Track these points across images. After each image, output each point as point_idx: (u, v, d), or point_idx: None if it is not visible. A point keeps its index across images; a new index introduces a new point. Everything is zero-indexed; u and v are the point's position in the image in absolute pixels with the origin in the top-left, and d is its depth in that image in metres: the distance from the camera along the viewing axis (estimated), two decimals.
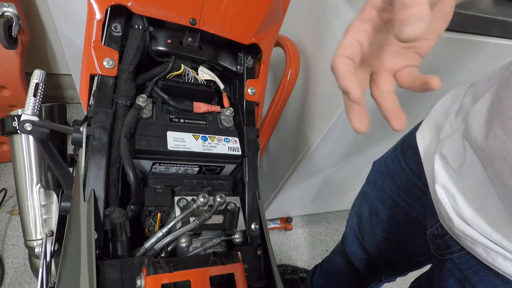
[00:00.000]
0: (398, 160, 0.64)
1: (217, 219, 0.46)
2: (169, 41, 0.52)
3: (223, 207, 0.47)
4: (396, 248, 0.73)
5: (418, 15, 0.23)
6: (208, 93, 0.57)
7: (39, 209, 0.70)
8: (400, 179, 0.63)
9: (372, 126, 0.97)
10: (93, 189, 0.41)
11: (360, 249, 0.81)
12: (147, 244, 0.41)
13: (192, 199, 0.45)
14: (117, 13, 0.48)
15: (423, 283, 0.68)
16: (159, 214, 0.46)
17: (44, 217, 0.70)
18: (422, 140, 0.56)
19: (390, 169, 0.66)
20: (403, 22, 0.24)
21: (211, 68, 0.58)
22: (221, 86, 0.58)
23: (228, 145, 0.52)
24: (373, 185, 0.72)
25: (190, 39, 0.53)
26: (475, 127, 0.41)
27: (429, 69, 0.70)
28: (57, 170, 0.56)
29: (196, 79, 0.56)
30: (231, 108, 0.58)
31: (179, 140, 0.49)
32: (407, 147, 0.62)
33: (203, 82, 0.56)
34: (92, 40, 0.46)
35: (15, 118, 0.67)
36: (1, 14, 0.94)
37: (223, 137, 0.53)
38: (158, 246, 0.42)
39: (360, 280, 0.90)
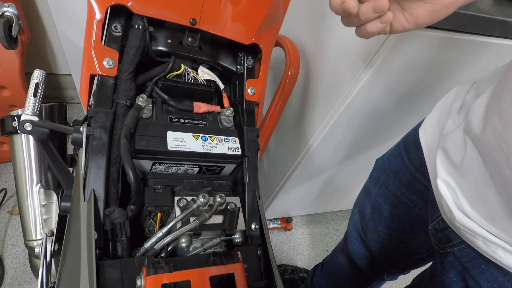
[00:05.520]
0: (401, 157, 0.64)
1: (217, 219, 0.46)
2: (169, 41, 0.52)
3: (223, 207, 0.47)
4: (399, 245, 0.73)
5: None
6: (208, 93, 0.57)
7: (39, 209, 0.70)
8: (403, 175, 0.64)
9: (372, 127, 0.97)
10: (93, 189, 0.41)
11: (362, 246, 0.82)
12: (147, 244, 0.41)
13: (192, 199, 0.45)
14: (117, 13, 0.48)
15: (426, 277, 0.68)
16: (159, 214, 0.46)
17: (44, 217, 0.70)
18: (425, 136, 0.56)
19: (393, 165, 0.67)
20: None
21: (211, 68, 0.58)
22: (221, 86, 0.58)
23: (228, 145, 0.52)
24: (376, 181, 0.73)
25: (190, 39, 0.53)
26: (474, 120, 0.42)
27: (430, 68, 0.70)
28: (57, 170, 0.56)
29: (196, 79, 0.56)
30: (231, 108, 0.58)
31: (179, 140, 0.49)
32: (410, 144, 0.62)
33: (203, 82, 0.56)
34: (92, 40, 0.46)
35: (15, 118, 0.66)
36: (1, 14, 0.94)
37: (223, 137, 0.53)
38: (158, 246, 0.42)
39: (362, 278, 0.90)
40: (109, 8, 0.46)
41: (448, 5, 0.39)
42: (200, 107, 0.55)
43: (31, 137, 0.66)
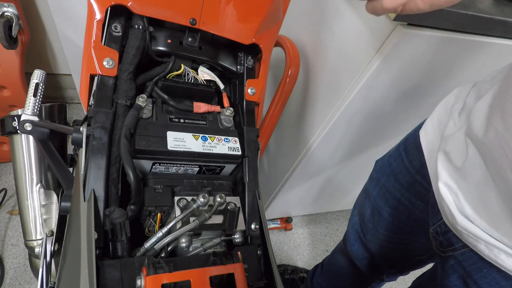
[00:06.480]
0: (401, 158, 0.64)
1: (217, 219, 0.46)
2: (169, 41, 0.52)
3: (223, 207, 0.47)
4: (399, 246, 0.73)
5: None
6: (208, 93, 0.57)
7: (39, 209, 0.70)
8: (403, 177, 0.64)
9: (372, 127, 0.97)
10: (93, 189, 0.41)
11: (362, 248, 0.81)
12: (147, 244, 0.41)
13: (192, 199, 0.45)
14: (117, 13, 0.48)
15: (426, 280, 0.68)
16: (159, 214, 0.46)
17: (44, 217, 0.70)
18: (426, 138, 0.56)
19: (393, 167, 0.66)
20: None
21: (211, 68, 0.58)
22: (221, 86, 0.58)
23: (228, 145, 0.52)
24: (376, 183, 0.72)
25: (190, 39, 0.53)
26: (476, 123, 0.41)
27: (430, 68, 0.70)
28: (57, 170, 0.56)
29: (196, 79, 0.56)
30: (231, 108, 0.58)
31: (179, 140, 0.49)
32: (411, 145, 0.62)
33: (203, 82, 0.56)
34: (92, 40, 0.46)
35: (15, 118, 0.66)
36: (1, 14, 0.94)
37: (223, 137, 0.53)
38: (158, 246, 0.42)
39: (361, 279, 0.90)
40: (109, 8, 0.46)
41: None
42: (200, 107, 0.55)
43: (31, 137, 0.66)
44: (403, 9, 0.40)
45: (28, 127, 0.59)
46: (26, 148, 0.68)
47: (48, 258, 0.63)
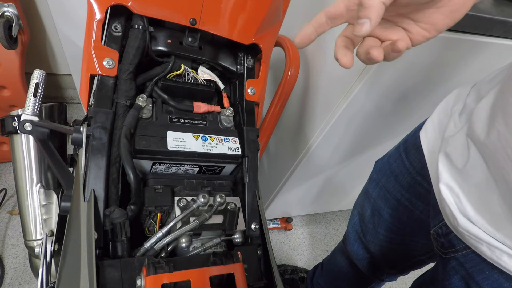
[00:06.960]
0: (402, 159, 0.64)
1: (217, 219, 0.46)
2: (169, 41, 0.52)
3: (223, 207, 0.47)
4: (399, 247, 0.73)
5: (367, 16, 0.28)
6: (208, 93, 0.57)
7: (39, 209, 0.70)
8: (404, 178, 0.64)
9: (372, 127, 0.97)
10: (93, 189, 0.41)
11: (362, 248, 0.81)
12: (147, 244, 0.41)
13: (192, 199, 0.45)
14: (117, 13, 0.48)
15: (426, 280, 0.68)
16: (159, 214, 0.46)
17: (44, 217, 0.70)
18: (426, 139, 0.56)
19: (393, 168, 0.66)
20: (357, 20, 0.29)
21: (211, 68, 0.58)
22: (221, 86, 0.58)
23: (228, 145, 0.52)
24: (375, 184, 0.72)
25: (190, 39, 0.53)
26: (478, 124, 0.41)
27: (430, 68, 0.70)
28: (57, 170, 0.56)
29: (196, 79, 0.56)
30: (231, 108, 0.58)
31: (179, 140, 0.49)
32: (411, 146, 0.62)
33: (203, 82, 0.56)
34: (92, 40, 0.46)
35: (15, 118, 0.67)
36: (1, 14, 0.94)
37: (223, 137, 0.53)
38: (158, 246, 0.42)
39: (361, 279, 0.90)
40: (109, 8, 0.46)
41: (465, 2, 0.35)
42: (200, 107, 0.55)
43: (31, 137, 0.66)
44: (412, 43, 0.38)
45: (28, 127, 0.59)
46: (26, 148, 0.68)
47: (48, 258, 0.63)
